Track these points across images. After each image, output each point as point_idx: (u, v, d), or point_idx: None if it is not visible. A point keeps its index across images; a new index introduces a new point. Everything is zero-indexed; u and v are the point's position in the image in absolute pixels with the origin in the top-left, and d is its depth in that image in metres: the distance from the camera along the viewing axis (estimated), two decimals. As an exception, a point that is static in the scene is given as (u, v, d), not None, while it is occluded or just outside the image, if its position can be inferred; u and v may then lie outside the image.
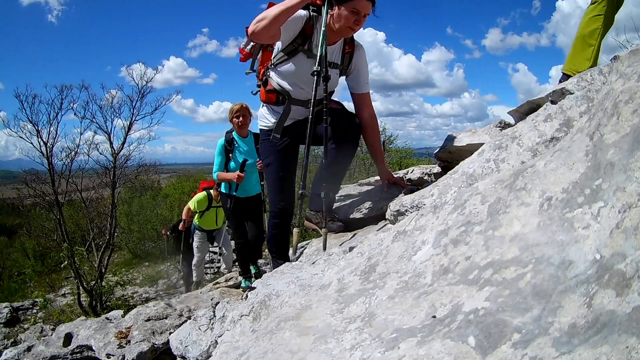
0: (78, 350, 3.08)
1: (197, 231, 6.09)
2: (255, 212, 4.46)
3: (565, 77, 2.40)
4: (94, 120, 10.03)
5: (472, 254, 1.09)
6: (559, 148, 1.18)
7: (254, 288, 1.93)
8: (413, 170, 3.09)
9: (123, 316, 3.38)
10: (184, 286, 7.01)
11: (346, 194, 2.90)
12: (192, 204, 5.95)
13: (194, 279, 6.25)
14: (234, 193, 4.21)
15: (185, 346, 2.01)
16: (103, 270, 9.05)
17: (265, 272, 3.28)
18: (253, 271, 4.54)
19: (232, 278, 5.23)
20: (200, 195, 5.92)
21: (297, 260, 2.51)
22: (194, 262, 6.17)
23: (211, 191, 5.94)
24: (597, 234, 0.86)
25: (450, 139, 2.68)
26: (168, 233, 7.32)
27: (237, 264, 7.15)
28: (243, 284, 4.51)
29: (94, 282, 8.30)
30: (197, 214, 6.01)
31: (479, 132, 2.55)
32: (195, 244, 6.13)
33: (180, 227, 6.84)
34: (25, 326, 6.71)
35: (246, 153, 4.18)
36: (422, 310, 1.03)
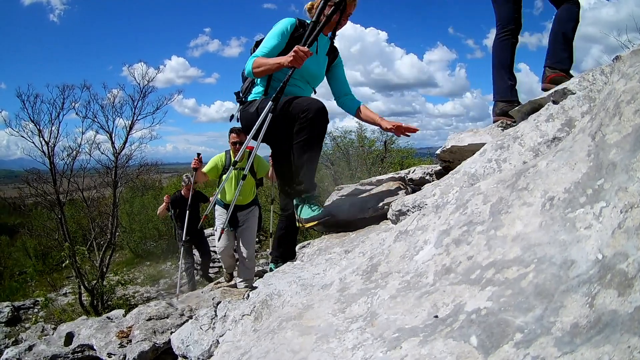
0: (79, 349, 3.09)
1: (217, 206, 4.58)
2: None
3: None
4: (95, 119, 10.05)
5: (474, 253, 1.09)
6: (561, 148, 1.18)
7: (256, 288, 1.93)
8: (415, 170, 3.09)
9: (124, 315, 3.39)
10: (187, 285, 6.20)
11: (348, 194, 2.90)
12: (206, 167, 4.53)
13: (224, 269, 5.11)
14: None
15: (187, 346, 2.01)
16: (104, 269, 9.07)
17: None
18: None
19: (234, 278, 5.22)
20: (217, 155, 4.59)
21: None
22: (218, 246, 4.69)
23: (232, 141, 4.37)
24: (599, 234, 0.86)
25: (452, 138, 2.68)
26: (169, 208, 5.92)
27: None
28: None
29: (95, 282, 8.32)
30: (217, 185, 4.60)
31: (480, 132, 2.55)
32: (216, 223, 4.72)
33: (183, 192, 5.78)
34: (27, 325, 6.73)
35: (316, 60, 2.54)
36: (424, 310, 1.03)
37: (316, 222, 2.34)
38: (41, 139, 9.21)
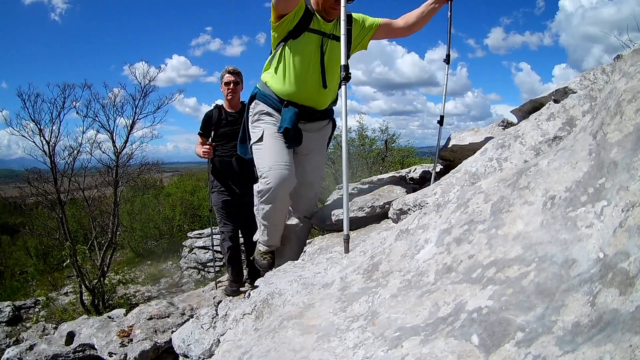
0: (80, 348, 3.10)
1: (260, 104, 2.47)
2: None
3: None
4: (96, 119, 10.00)
5: (475, 252, 1.09)
6: (562, 147, 1.18)
7: (257, 287, 1.93)
8: (415, 169, 3.09)
9: (125, 315, 3.39)
10: (228, 284, 3.94)
11: (349, 193, 2.91)
12: None
13: (266, 243, 2.61)
14: None
15: (188, 345, 2.01)
16: (105, 268, 9.06)
17: None
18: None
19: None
20: None
21: None
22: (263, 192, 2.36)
23: None
24: (601, 232, 0.86)
25: (453, 137, 2.68)
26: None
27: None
28: None
29: (96, 281, 8.32)
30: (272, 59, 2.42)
31: (481, 131, 2.55)
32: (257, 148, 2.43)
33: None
34: (28, 325, 6.74)
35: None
36: (425, 308, 1.03)
37: None
38: (42, 138, 9.18)
